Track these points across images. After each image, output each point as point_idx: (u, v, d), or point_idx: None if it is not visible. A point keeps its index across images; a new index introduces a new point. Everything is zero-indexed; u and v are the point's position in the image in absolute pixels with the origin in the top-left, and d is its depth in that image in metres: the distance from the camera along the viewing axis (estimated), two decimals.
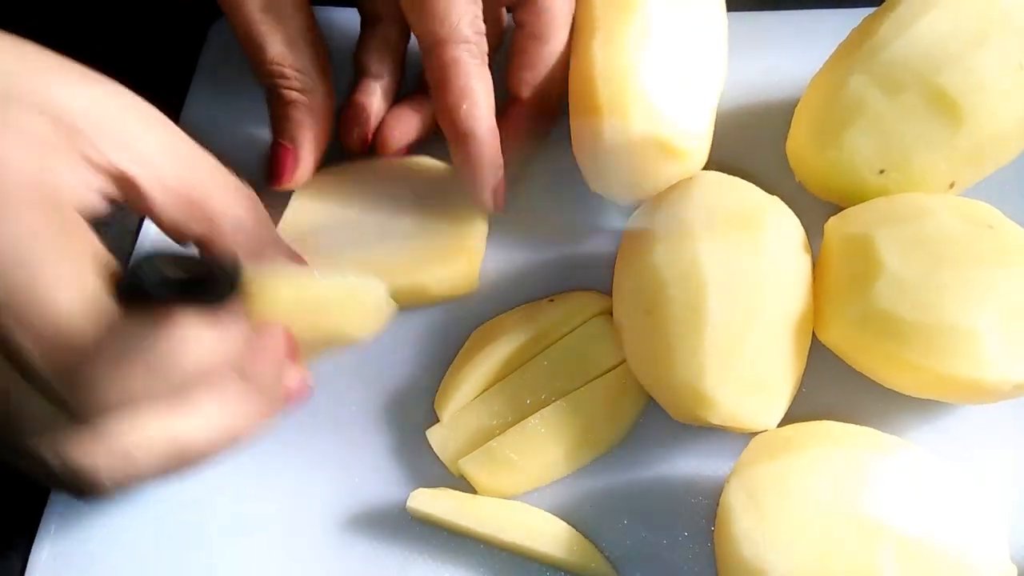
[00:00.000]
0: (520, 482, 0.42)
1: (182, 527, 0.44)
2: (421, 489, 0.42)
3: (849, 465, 0.35)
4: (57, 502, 0.45)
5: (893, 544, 0.33)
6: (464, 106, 0.42)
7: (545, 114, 0.48)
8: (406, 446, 0.45)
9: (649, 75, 0.42)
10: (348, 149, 0.49)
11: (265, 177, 0.47)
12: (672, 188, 0.42)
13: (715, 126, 0.45)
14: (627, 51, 0.42)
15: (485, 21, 0.43)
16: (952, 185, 0.41)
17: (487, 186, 0.44)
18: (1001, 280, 0.36)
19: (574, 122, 0.45)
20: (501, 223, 0.46)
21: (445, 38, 0.41)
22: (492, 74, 0.44)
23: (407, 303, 0.45)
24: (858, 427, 0.38)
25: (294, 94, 0.46)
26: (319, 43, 0.46)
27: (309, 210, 0.47)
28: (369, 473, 0.44)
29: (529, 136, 0.48)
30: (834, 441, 0.36)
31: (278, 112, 0.47)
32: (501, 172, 0.44)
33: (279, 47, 0.45)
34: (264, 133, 0.48)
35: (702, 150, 0.44)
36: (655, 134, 0.42)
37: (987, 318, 0.36)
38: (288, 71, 0.46)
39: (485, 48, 0.43)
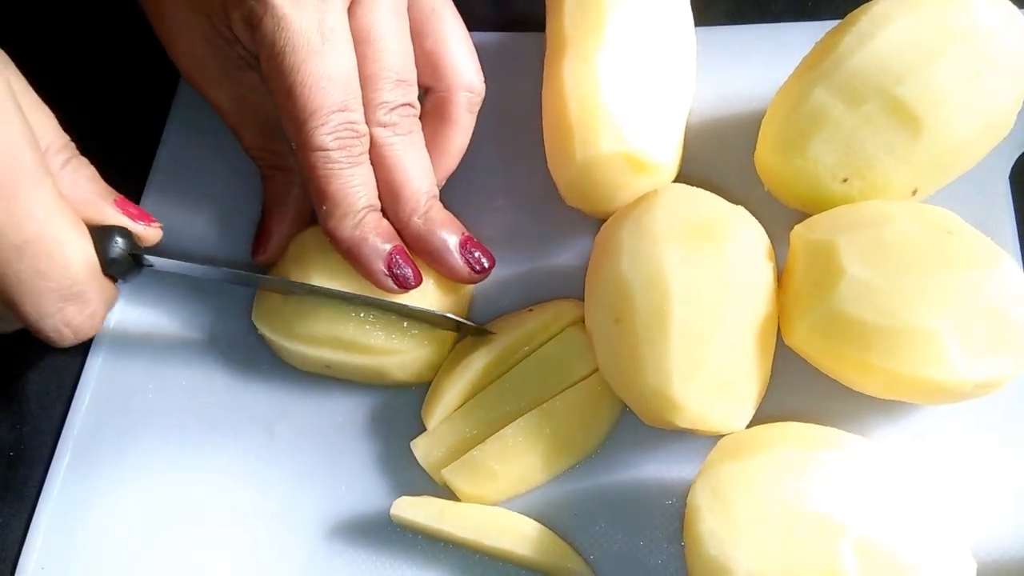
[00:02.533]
0: (501, 490, 0.43)
1: (169, 533, 0.45)
2: (404, 497, 0.43)
3: (812, 465, 0.36)
4: (39, 517, 0.46)
5: (854, 541, 0.34)
6: (323, 208, 0.43)
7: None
8: (392, 456, 0.45)
9: (618, 92, 0.43)
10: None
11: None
12: (638, 200, 0.43)
13: (686, 138, 0.46)
14: (596, 68, 0.43)
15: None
16: (915, 192, 0.42)
17: (375, 277, 0.44)
18: (960, 283, 0.37)
19: (547, 138, 0.46)
20: (480, 237, 0.47)
21: (301, 144, 0.42)
22: None
23: (368, 380, 0.46)
24: (822, 427, 0.39)
25: (268, 170, 0.48)
26: None
27: (311, 258, 0.46)
28: (355, 482, 0.45)
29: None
30: (798, 442, 0.37)
31: (262, 187, 0.48)
32: (386, 258, 0.43)
33: (252, 133, 0.47)
34: (241, 164, 0.50)
35: (672, 164, 0.45)
36: (624, 150, 0.43)
37: (947, 320, 0.37)
38: (263, 152, 0.47)
39: (357, 149, 0.43)
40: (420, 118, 0.46)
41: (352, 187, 0.43)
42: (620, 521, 0.43)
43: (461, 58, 0.46)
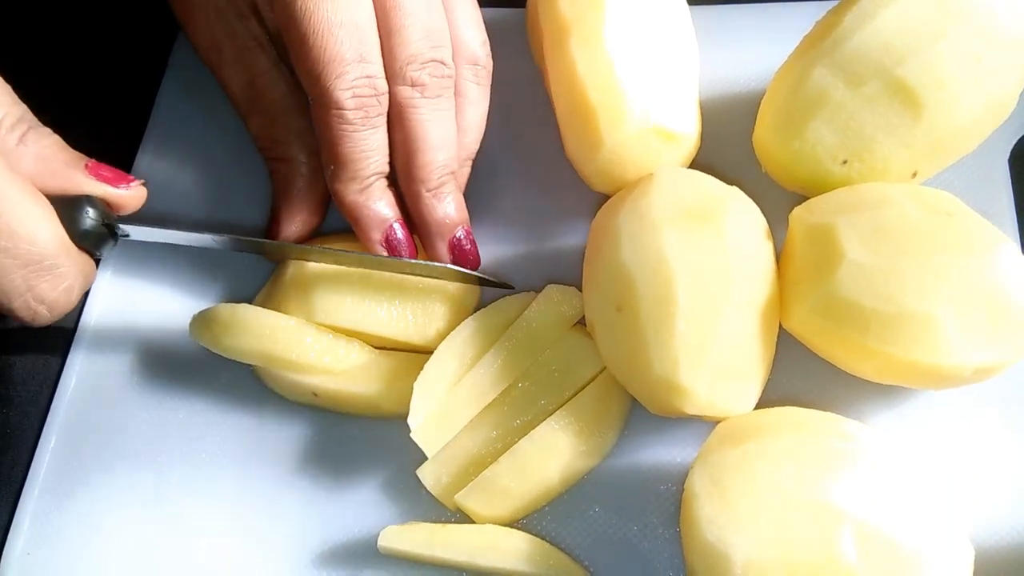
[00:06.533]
0: (518, 508, 0.41)
1: (155, 517, 0.44)
2: (390, 526, 0.41)
3: (810, 450, 0.35)
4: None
5: (853, 527, 0.34)
6: (331, 167, 0.42)
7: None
8: (402, 483, 0.44)
9: (632, 68, 0.43)
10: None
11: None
12: (633, 186, 0.42)
13: None
14: (605, 48, 0.43)
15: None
16: (915, 174, 0.42)
17: (370, 244, 0.44)
18: (960, 267, 0.37)
19: (564, 127, 0.45)
20: (482, 218, 0.46)
21: (316, 98, 0.41)
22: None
23: (357, 411, 0.45)
24: (820, 413, 0.38)
25: (272, 163, 0.47)
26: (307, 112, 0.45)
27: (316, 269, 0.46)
28: (352, 507, 0.44)
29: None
30: (796, 427, 0.37)
31: (270, 177, 0.48)
32: (385, 229, 0.44)
33: (258, 121, 0.46)
34: (234, 130, 0.49)
35: (695, 132, 0.44)
36: (652, 123, 0.42)
37: (946, 305, 0.36)
38: (267, 142, 0.46)
39: (374, 110, 0.41)
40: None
41: (363, 151, 0.42)
42: (614, 506, 0.42)
43: (466, 31, 0.45)
